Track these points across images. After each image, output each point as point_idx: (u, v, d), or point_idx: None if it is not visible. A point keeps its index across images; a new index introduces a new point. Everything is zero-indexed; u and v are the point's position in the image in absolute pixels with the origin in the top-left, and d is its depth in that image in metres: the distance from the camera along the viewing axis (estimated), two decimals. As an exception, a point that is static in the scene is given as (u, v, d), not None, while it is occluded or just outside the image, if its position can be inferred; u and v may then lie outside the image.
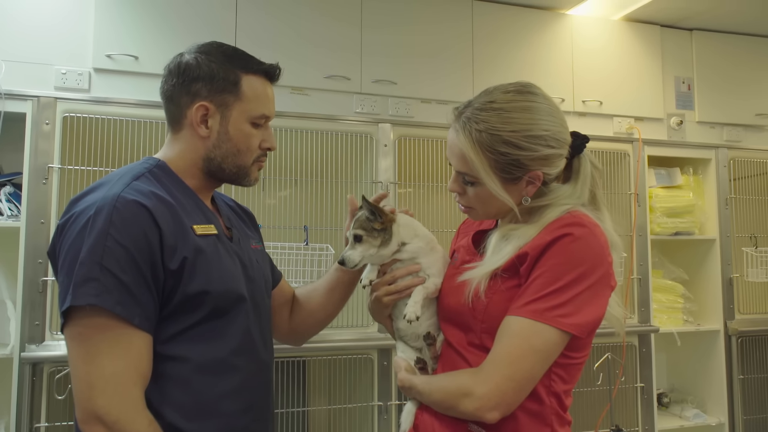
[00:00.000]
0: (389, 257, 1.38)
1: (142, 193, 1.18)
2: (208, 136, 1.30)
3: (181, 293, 1.18)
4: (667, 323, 3.21)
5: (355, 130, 2.77)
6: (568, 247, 1.14)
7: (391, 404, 2.66)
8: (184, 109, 1.29)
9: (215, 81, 1.28)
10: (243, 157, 1.33)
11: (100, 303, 1.08)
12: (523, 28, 3.06)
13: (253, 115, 1.31)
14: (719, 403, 3.23)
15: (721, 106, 3.35)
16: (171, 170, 1.31)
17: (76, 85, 2.43)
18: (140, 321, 1.12)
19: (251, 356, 1.31)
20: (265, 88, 1.34)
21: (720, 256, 3.24)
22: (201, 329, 1.21)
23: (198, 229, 1.24)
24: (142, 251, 1.13)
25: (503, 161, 1.18)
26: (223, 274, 1.25)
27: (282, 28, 2.70)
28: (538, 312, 1.12)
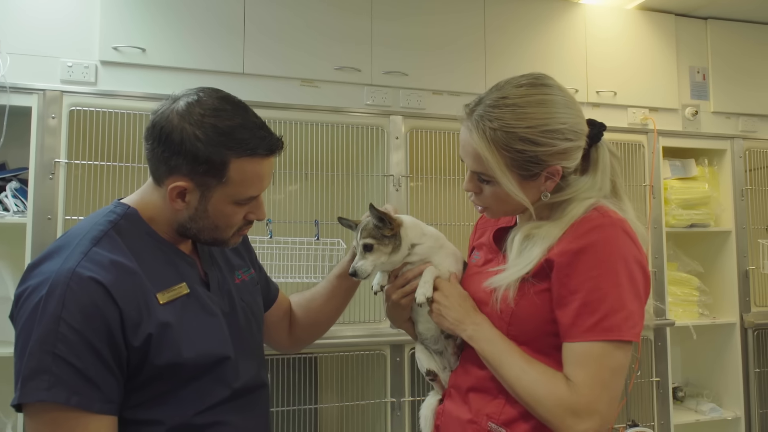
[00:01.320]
0: (401, 262, 1.35)
1: (100, 265, 1.07)
2: (184, 209, 1.17)
3: (150, 366, 1.09)
4: (682, 316, 3.17)
5: (365, 122, 2.72)
6: (605, 255, 1.11)
7: (404, 401, 2.62)
8: (162, 177, 1.15)
9: (198, 163, 1.11)
10: (221, 232, 1.21)
11: (52, 399, 0.99)
12: (535, 18, 3.00)
13: (239, 198, 1.17)
14: (735, 397, 3.20)
15: (737, 96, 3.31)
16: (142, 220, 1.19)
17: (82, 78, 2.39)
18: (101, 406, 1.03)
19: (235, 407, 1.21)
20: (261, 168, 1.16)
21: (735, 248, 3.21)
22: (176, 393, 1.13)
23: (162, 297, 1.13)
24: (98, 333, 1.03)
25: (520, 159, 1.14)
26: (196, 340, 1.14)
27: (291, 19, 2.65)
28: (611, 330, 1.09)
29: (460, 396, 1.31)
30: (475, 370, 1.28)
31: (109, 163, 2.38)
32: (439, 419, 1.35)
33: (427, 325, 1.37)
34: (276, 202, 2.68)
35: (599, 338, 1.09)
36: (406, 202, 2.71)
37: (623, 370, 1.11)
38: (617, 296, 1.09)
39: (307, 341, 1.59)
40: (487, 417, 1.22)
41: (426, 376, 1.39)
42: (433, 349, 1.40)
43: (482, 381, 1.25)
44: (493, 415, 1.21)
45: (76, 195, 2.35)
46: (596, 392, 1.08)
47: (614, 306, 1.09)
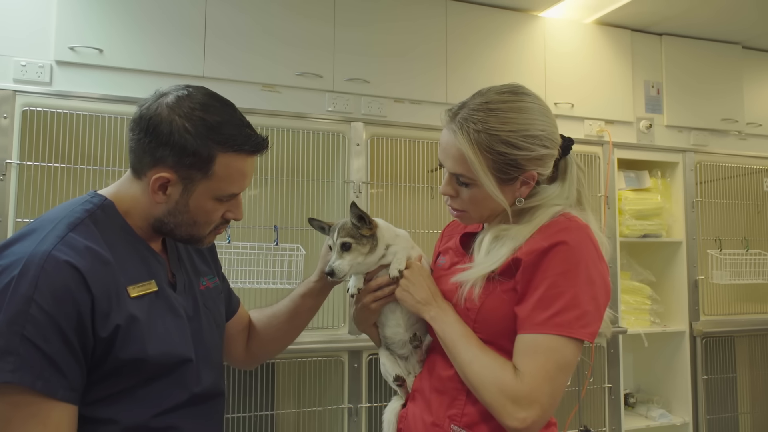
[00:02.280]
0: (376, 264, 1.36)
1: (75, 250, 1.05)
2: (164, 202, 1.17)
3: (113, 360, 1.07)
4: (634, 324, 3.25)
5: (327, 128, 2.73)
6: (568, 255, 1.15)
7: (362, 407, 2.63)
8: (145, 168, 1.15)
9: (185, 155, 1.12)
10: (199, 229, 1.21)
11: (18, 381, 0.97)
12: (496, 29, 3.05)
13: (221, 194, 1.18)
14: (684, 403, 3.29)
15: (689, 110, 3.41)
16: (118, 213, 1.18)
17: (36, 77, 2.34)
18: (64, 393, 1.01)
19: (193, 412, 1.19)
20: (245, 165, 1.18)
21: (686, 258, 3.30)
22: (135, 392, 1.11)
23: (133, 291, 1.12)
24: (69, 319, 1.01)
25: (501, 161, 1.18)
26: (162, 337, 1.14)
27: (252, 24, 2.64)
28: (562, 326, 1.12)
29: (423, 399, 1.32)
30: (438, 372, 1.30)
31: (64, 165, 2.34)
32: (402, 422, 1.36)
33: (395, 329, 1.38)
34: (235, 206, 2.66)
35: (549, 332, 1.12)
36: (366, 208, 2.72)
37: (570, 367, 1.14)
38: (573, 295, 1.12)
39: (262, 358, 1.58)
40: (449, 419, 1.24)
41: (394, 382, 1.39)
42: (398, 354, 1.41)
43: (445, 383, 1.27)
44: (455, 417, 1.23)
45: (28, 197, 2.30)
46: (539, 383, 1.11)
47: (569, 304, 1.12)
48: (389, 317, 1.38)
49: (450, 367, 1.25)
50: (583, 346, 1.16)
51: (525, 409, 1.10)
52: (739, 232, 3.41)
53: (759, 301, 3.50)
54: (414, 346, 1.37)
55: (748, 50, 3.58)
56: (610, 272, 3.04)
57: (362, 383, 2.65)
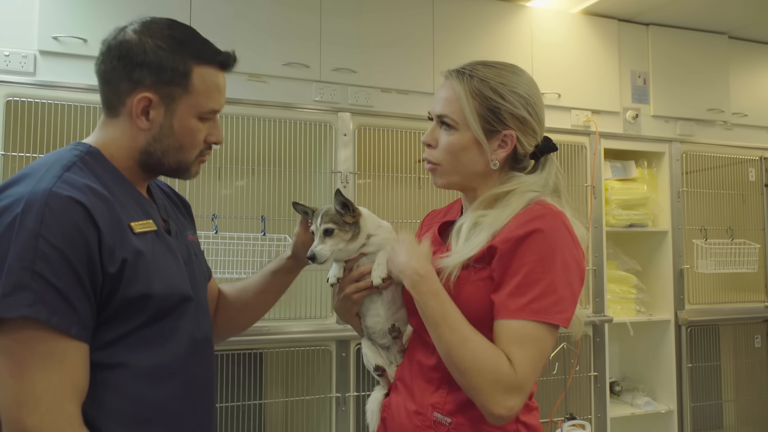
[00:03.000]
0: (357, 251, 1.37)
1: (75, 187, 1.05)
2: (148, 128, 1.17)
3: (121, 297, 1.07)
4: (620, 313, 3.27)
5: (314, 118, 2.73)
6: (544, 242, 1.17)
7: (349, 396, 2.65)
8: (123, 96, 1.15)
9: (162, 71, 1.14)
10: (186, 153, 1.21)
11: (34, 314, 0.97)
12: (483, 19, 3.05)
13: (202, 110, 1.19)
14: (669, 391, 3.32)
15: (675, 100, 3.42)
16: (104, 158, 1.17)
17: (20, 68, 2.32)
18: (77, 330, 1.01)
19: (196, 358, 1.21)
20: (218, 79, 1.21)
21: (672, 247, 3.32)
22: (142, 334, 1.11)
23: (136, 227, 1.12)
24: (78, 253, 1.01)
25: (486, 107, 1.25)
26: (165, 274, 1.15)
27: (239, 13, 2.63)
28: (539, 312, 1.14)
29: (405, 388, 1.33)
30: (419, 360, 1.31)
31: (48, 156, 2.33)
32: (386, 412, 1.37)
33: (375, 319, 1.39)
34: (223, 197, 2.66)
35: (528, 318, 1.14)
36: (354, 199, 2.72)
37: (548, 354, 1.18)
38: (550, 282, 1.15)
39: (227, 333, 1.57)
40: (432, 407, 1.25)
41: (374, 371, 1.41)
42: (380, 344, 1.42)
43: (426, 372, 1.28)
44: (438, 405, 1.24)
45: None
46: (530, 373, 1.13)
47: (546, 290, 1.14)
48: (369, 307, 1.39)
49: (432, 355, 1.26)
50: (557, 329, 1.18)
51: (514, 398, 1.12)
52: (724, 222, 3.44)
53: (743, 290, 3.53)
54: (393, 337, 1.38)
55: (734, 40, 3.59)
56: (596, 262, 3.09)
57: (350, 372, 2.67)
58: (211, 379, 1.29)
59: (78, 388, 1.03)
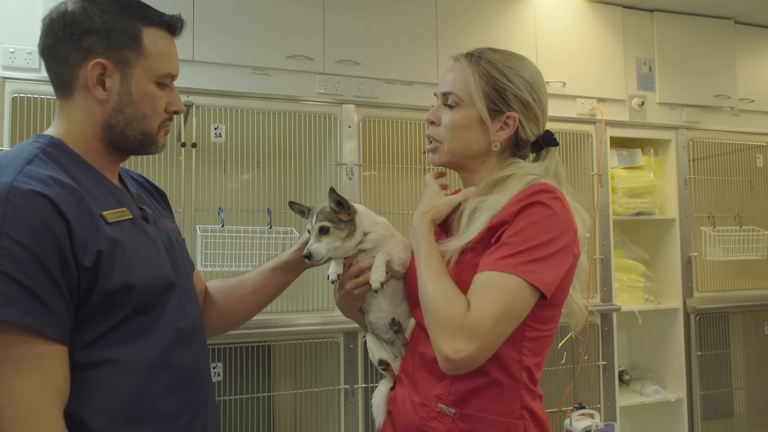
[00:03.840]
0: (354, 249, 1.37)
1: (38, 179, 0.99)
2: (106, 99, 1.11)
3: (100, 291, 1.02)
4: (628, 302, 3.26)
5: (318, 111, 2.72)
6: (540, 212, 1.18)
7: (358, 387, 2.65)
8: (75, 68, 1.09)
9: (112, 34, 1.09)
10: (149, 122, 1.16)
11: (3, 317, 0.90)
12: (487, 8, 3.04)
13: (158, 74, 1.15)
14: (678, 380, 3.31)
15: (681, 87, 3.39)
16: (68, 147, 1.11)
17: (25, 64, 2.33)
18: (54, 331, 0.95)
19: (185, 348, 1.16)
20: (169, 43, 1.18)
21: (679, 235, 3.30)
22: (126, 327, 1.06)
23: (109, 216, 1.07)
24: (47, 249, 0.95)
25: (492, 86, 1.27)
26: (145, 262, 1.10)
27: (242, 6, 2.62)
28: (510, 266, 1.14)
29: (409, 380, 1.33)
30: (422, 352, 1.31)
31: (55, 152, 2.34)
32: (392, 405, 1.37)
33: (378, 314, 1.39)
34: (228, 190, 2.67)
35: (498, 269, 1.14)
36: (359, 191, 2.73)
37: (518, 314, 1.15)
38: (532, 245, 1.15)
39: (216, 331, 1.49)
40: (436, 398, 1.25)
41: (378, 366, 1.41)
42: (384, 339, 1.42)
43: (429, 363, 1.28)
44: (442, 396, 1.24)
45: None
46: (485, 317, 1.11)
47: (523, 250, 1.14)
48: (372, 303, 1.39)
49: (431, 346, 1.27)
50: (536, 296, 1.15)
51: (464, 341, 1.10)
52: (732, 209, 3.41)
53: (752, 277, 3.51)
54: (395, 331, 1.38)
55: (740, 25, 3.55)
56: (603, 251, 3.07)
57: (358, 364, 2.67)
58: (203, 370, 1.24)
59: (59, 392, 0.98)
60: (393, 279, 1.37)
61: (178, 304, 1.17)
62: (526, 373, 1.23)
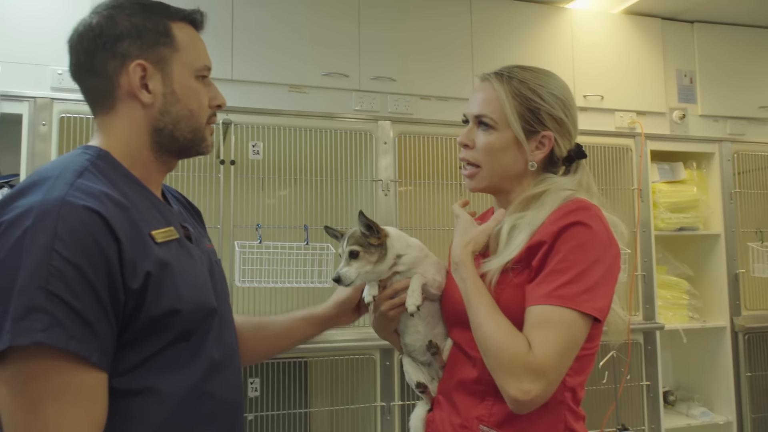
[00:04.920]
0: (387, 272, 1.35)
1: (91, 195, 0.94)
2: (152, 102, 1.08)
3: (146, 315, 0.96)
4: (672, 320, 3.17)
5: (354, 127, 2.75)
6: (582, 234, 1.16)
7: (394, 405, 2.63)
8: (114, 77, 1.06)
9: (144, 34, 1.07)
10: (196, 119, 1.12)
11: (50, 341, 0.85)
12: (522, 23, 3.03)
13: (196, 66, 1.12)
14: (727, 401, 3.19)
15: (724, 99, 3.32)
16: (115, 160, 1.07)
17: (72, 85, 2.32)
18: (98, 357, 0.90)
19: (223, 376, 1.11)
20: (196, 36, 1.15)
21: (725, 251, 3.21)
22: (168, 354, 1.00)
23: (158, 236, 1.02)
24: (97, 269, 0.90)
25: (526, 106, 1.26)
26: (192, 286, 1.05)
27: (279, 26, 2.68)
28: (565, 298, 1.12)
29: (448, 402, 1.32)
30: (460, 374, 1.29)
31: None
32: (430, 427, 1.35)
33: (414, 336, 1.37)
34: (266, 207, 2.70)
35: (554, 303, 1.12)
36: (395, 206, 2.73)
37: (578, 345, 1.13)
38: (580, 271, 1.13)
39: None
40: (477, 420, 1.22)
41: (416, 388, 1.39)
42: (420, 361, 1.40)
43: (469, 385, 1.26)
44: (483, 417, 1.22)
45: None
46: (550, 357, 1.09)
47: (575, 278, 1.12)
48: (408, 324, 1.37)
49: (473, 368, 1.25)
50: (590, 324, 1.14)
51: (531, 382, 1.08)
52: (781, 224, 3.31)
53: (804, 294, 3.38)
54: (432, 354, 1.36)
55: (785, 35, 3.48)
56: (645, 267, 3.00)
57: (394, 381, 2.65)
58: (238, 400, 1.18)
59: (97, 422, 0.92)
60: (428, 300, 1.35)
61: (218, 331, 1.12)
62: (570, 393, 1.20)
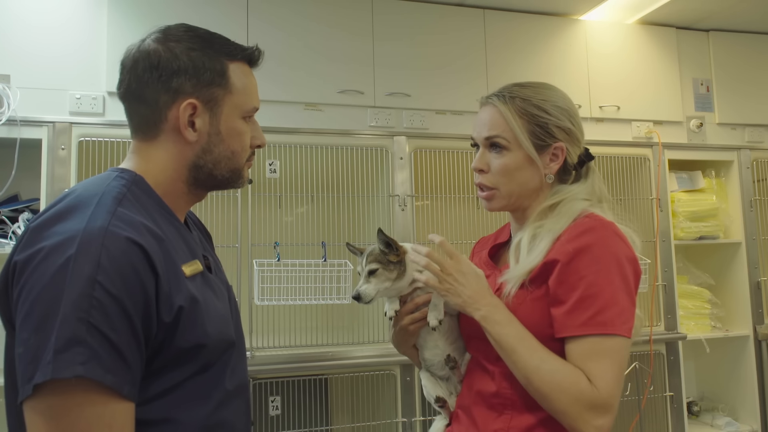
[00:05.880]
0: (408, 288, 1.36)
1: (132, 225, 0.94)
2: (196, 140, 1.07)
3: (174, 348, 0.97)
4: (694, 330, 3.14)
5: (370, 143, 2.75)
6: (600, 254, 1.17)
7: (416, 420, 2.62)
8: (164, 110, 1.06)
9: (201, 73, 1.05)
10: (237, 159, 1.12)
11: (89, 374, 0.84)
12: (536, 36, 3.03)
13: (245, 108, 1.11)
14: (752, 411, 3.16)
15: (742, 106, 3.29)
16: (149, 187, 1.06)
17: (90, 109, 2.44)
18: (129, 390, 0.90)
19: (235, 404, 1.11)
20: (250, 76, 1.14)
21: (746, 259, 3.18)
22: (189, 386, 1.00)
23: (187, 270, 1.02)
24: (136, 303, 0.90)
25: (534, 123, 1.27)
26: (216, 320, 1.05)
27: (294, 44, 2.69)
28: (606, 324, 1.14)
29: (467, 416, 1.32)
30: (479, 389, 1.29)
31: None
32: None
33: (434, 351, 1.38)
34: (284, 224, 2.71)
35: (597, 332, 1.13)
36: (412, 221, 2.73)
37: (626, 367, 1.19)
38: (611, 293, 1.15)
39: None
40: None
41: (435, 403, 1.40)
42: (438, 376, 1.41)
43: (487, 398, 1.26)
44: (502, 431, 1.22)
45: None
46: (612, 388, 1.12)
47: (609, 302, 1.14)
48: (427, 339, 1.38)
49: (492, 382, 1.25)
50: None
51: (602, 416, 1.11)
52: (803, 230, 3.27)
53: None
54: (450, 368, 1.36)
55: (801, 40, 3.45)
56: (665, 277, 2.98)
57: (415, 397, 2.64)
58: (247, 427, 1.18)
59: None
60: (448, 315, 1.35)
61: (233, 361, 1.11)
62: None
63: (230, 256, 2.52)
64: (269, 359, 2.52)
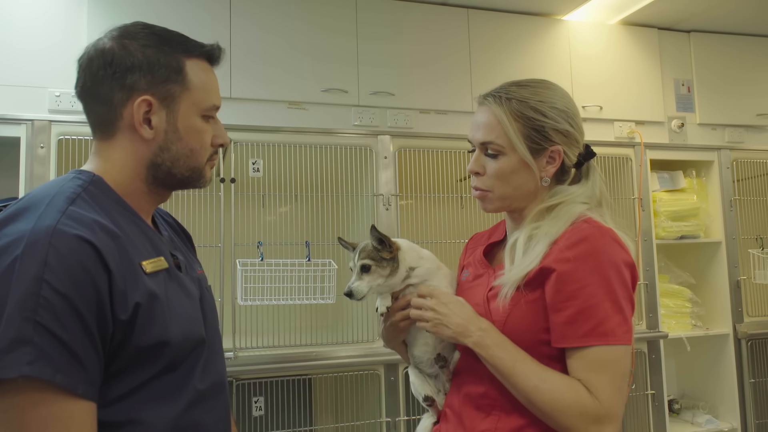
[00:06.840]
0: (400, 284, 1.35)
1: (83, 223, 0.93)
2: (152, 138, 1.06)
3: (133, 347, 0.95)
4: (675, 328, 3.17)
5: (354, 143, 2.74)
6: (598, 261, 1.16)
7: (400, 420, 2.62)
8: (119, 108, 1.05)
9: (156, 69, 1.05)
10: (197, 158, 1.11)
11: (36, 374, 0.84)
12: (519, 35, 3.04)
13: (204, 106, 1.10)
14: (731, 408, 3.19)
15: (722, 107, 3.33)
16: (108, 186, 1.05)
17: (70, 107, 2.40)
18: (85, 389, 0.88)
19: (209, 406, 1.09)
20: (210, 74, 1.13)
21: (726, 258, 3.22)
22: (155, 386, 0.99)
23: (148, 266, 1.01)
24: (87, 300, 0.89)
25: (530, 126, 1.24)
26: (181, 318, 1.04)
27: (277, 42, 2.67)
28: (607, 335, 1.13)
29: (455, 416, 1.31)
30: (467, 389, 1.29)
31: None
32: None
33: (423, 348, 1.37)
34: (267, 223, 2.69)
35: (600, 342, 1.13)
36: (396, 220, 2.72)
37: (628, 374, 1.16)
38: (612, 303, 1.14)
39: None
40: None
41: (423, 401, 1.40)
42: (427, 373, 1.41)
43: (476, 399, 1.26)
44: (490, 431, 1.22)
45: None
46: (615, 398, 1.12)
47: (610, 311, 1.13)
48: (417, 336, 1.37)
49: (480, 383, 1.25)
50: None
51: (607, 427, 1.11)
52: (781, 230, 3.32)
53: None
54: (440, 366, 1.36)
55: (781, 42, 3.49)
56: (647, 276, 3.00)
57: (399, 396, 2.64)
58: (226, 428, 1.16)
59: None
60: None
61: (205, 361, 1.10)
62: None
63: (213, 256, 2.50)
64: (252, 359, 2.50)
